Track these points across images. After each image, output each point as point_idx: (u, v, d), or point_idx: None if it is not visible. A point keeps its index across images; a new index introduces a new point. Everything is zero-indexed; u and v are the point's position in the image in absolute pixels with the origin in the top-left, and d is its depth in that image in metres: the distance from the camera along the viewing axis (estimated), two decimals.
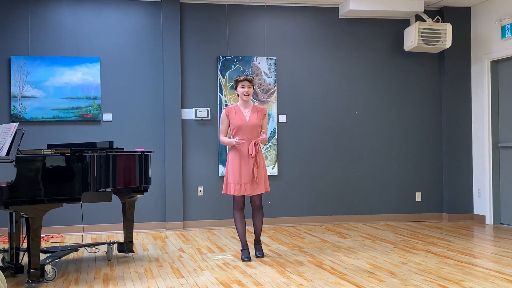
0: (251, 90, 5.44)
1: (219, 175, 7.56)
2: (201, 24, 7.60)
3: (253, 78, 5.48)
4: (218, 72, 7.57)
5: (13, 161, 4.32)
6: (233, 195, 5.41)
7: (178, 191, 7.40)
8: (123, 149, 5.40)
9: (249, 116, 5.42)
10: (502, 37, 7.39)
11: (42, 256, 4.83)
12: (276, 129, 7.69)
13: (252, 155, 5.32)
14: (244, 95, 5.41)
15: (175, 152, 7.40)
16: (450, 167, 7.99)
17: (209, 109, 7.54)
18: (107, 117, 7.33)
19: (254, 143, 5.36)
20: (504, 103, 7.58)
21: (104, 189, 4.94)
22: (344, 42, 7.95)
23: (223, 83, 7.57)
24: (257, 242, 5.59)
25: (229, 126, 5.47)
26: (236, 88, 5.48)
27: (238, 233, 5.49)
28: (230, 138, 5.50)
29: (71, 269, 5.12)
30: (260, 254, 5.52)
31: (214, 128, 7.57)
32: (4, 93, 7.08)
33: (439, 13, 7.99)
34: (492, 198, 7.64)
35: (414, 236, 6.72)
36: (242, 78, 5.42)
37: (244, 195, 5.41)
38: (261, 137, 5.35)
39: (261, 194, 5.47)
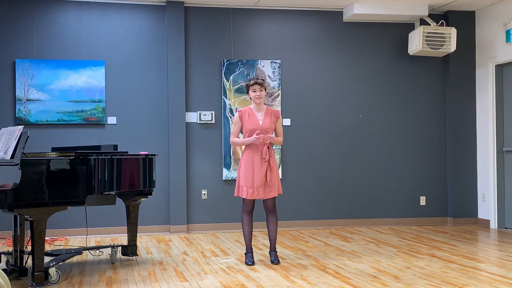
0: (263, 93, 5.42)
1: (223, 179, 7.56)
2: (205, 27, 7.61)
3: (264, 80, 5.46)
4: (223, 75, 7.58)
5: (18, 164, 4.33)
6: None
7: (182, 194, 7.40)
8: (127, 152, 5.40)
9: (262, 119, 5.40)
10: (506, 41, 7.38)
11: (46, 259, 4.83)
12: None
13: (265, 159, 5.31)
14: (256, 98, 5.40)
15: (179, 155, 7.40)
16: (454, 171, 7.97)
17: (213, 112, 7.55)
18: (111, 120, 7.35)
19: (268, 147, 5.35)
20: (508, 107, 7.56)
21: (108, 192, 4.95)
22: (349, 46, 7.95)
23: (227, 86, 7.58)
24: (273, 249, 5.47)
25: (241, 129, 5.45)
26: (248, 93, 5.47)
27: (244, 235, 5.45)
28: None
29: (75, 272, 5.13)
30: (276, 260, 5.40)
31: (218, 131, 7.58)
32: (9, 96, 7.11)
33: (443, 17, 7.99)
34: (497, 202, 7.62)
35: (418, 240, 6.70)
36: (252, 82, 5.41)
37: (254, 199, 5.38)
38: (268, 136, 5.28)
39: (274, 198, 5.42)
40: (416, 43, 7.62)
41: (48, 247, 6.23)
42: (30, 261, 4.78)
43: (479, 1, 7.59)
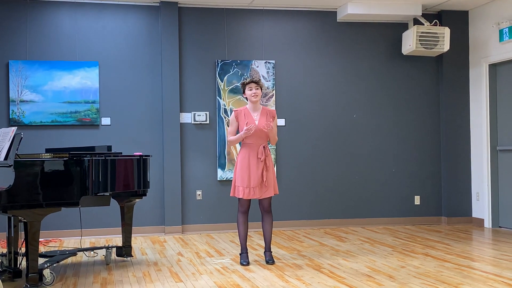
0: (259, 91, 5.42)
1: (218, 179, 7.56)
2: (199, 28, 7.61)
3: (260, 79, 5.48)
4: (217, 76, 7.58)
5: (12, 165, 4.32)
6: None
7: (177, 195, 7.39)
8: (121, 153, 5.40)
9: (258, 119, 5.40)
10: (500, 41, 7.41)
11: (41, 260, 4.82)
12: None
13: (261, 159, 5.30)
14: (253, 96, 5.39)
15: (174, 156, 7.39)
16: (448, 170, 7.99)
17: (207, 113, 7.55)
18: (105, 121, 7.34)
19: (264, 147, 5.35)
20: (502, 106, 7.59)
21: (102, 193, 4.94)
22: (343, 46, 7.96)
23: (222, 87, 7.58)
24: (268, 249, 5.48)
25: (237, 128, 5.45)
26: (244, 92, 5.47)
27: (239, 235, 5.45)
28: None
29: (69, 273, 5.11)
30: (270, 260, 5.41)
31: (213, 132, 7.58)
32: (2, 98, 7.08)
33: (437, 17, 8.01)
34: (491, 201, 7.64)
35: (412, 239, 6.72)
36: (248, 80, 5.43)
37: (250, 199, 5.38)
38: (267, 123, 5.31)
39: (270, 198, 5.41)
40: (409, 43, 7.63)
41: (42, 249, 6.21)
42: (24, 263, 4.77)
43: (472, 1, 7.61)
